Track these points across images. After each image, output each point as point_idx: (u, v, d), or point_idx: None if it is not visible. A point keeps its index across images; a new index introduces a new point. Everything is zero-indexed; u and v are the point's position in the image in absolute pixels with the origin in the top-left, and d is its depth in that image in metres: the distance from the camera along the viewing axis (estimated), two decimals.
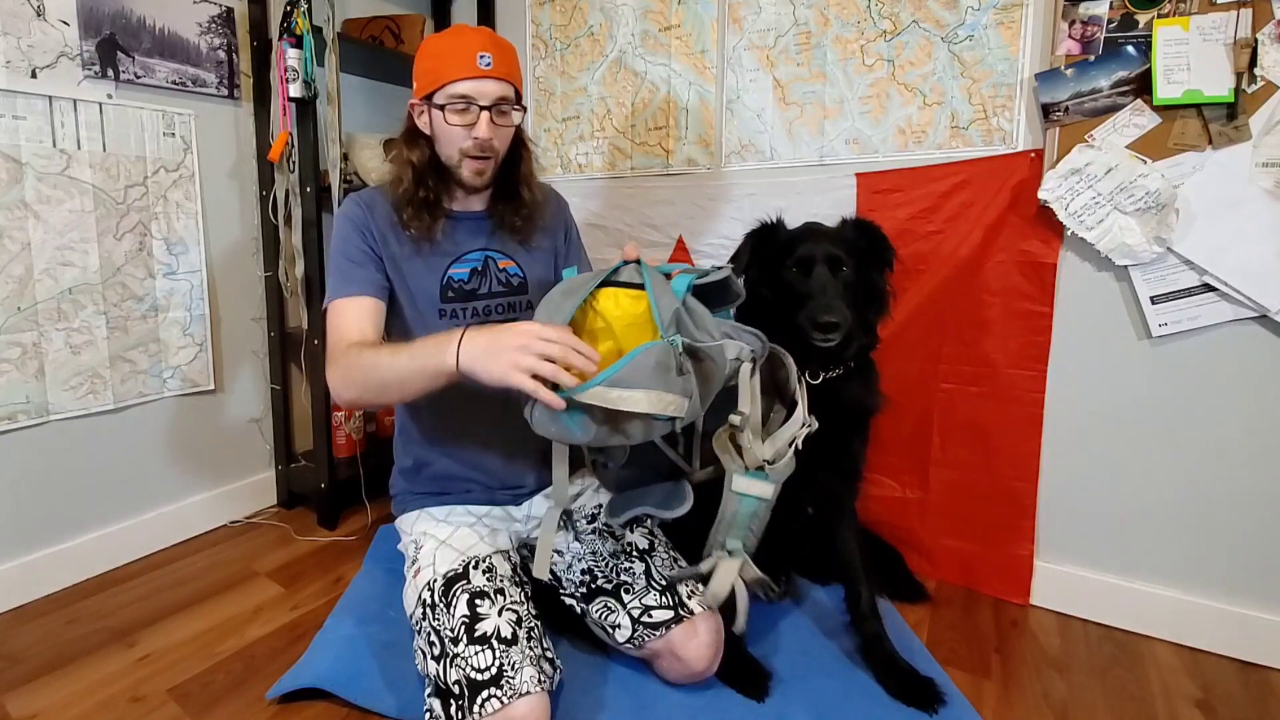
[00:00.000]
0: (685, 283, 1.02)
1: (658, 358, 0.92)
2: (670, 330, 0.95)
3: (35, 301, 1.51)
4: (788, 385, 1.13)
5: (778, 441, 1.06)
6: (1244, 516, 1.37)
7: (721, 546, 1.07)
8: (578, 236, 1.47)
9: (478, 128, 1.17)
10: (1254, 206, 1.29)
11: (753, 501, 1.04)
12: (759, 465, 1.04)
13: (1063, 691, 1.28)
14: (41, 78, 1.48)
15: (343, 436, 1.97)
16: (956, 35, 1.54)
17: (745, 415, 1.02)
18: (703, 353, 0.97)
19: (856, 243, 1.31)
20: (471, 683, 0.99)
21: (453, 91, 1.15)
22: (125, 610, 1.51)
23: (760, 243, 1.36)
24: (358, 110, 2.13)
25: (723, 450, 1.05)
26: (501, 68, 1.17)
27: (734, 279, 1.09)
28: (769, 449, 1.05)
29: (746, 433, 1.03)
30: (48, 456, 1.57)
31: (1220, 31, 1.27)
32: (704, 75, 1.87)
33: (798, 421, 1.08)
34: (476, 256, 1.29)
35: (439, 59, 1.17)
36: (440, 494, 1.30)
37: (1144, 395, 1.43)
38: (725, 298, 1.12)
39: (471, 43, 1.16)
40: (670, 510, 1.10)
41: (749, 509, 1.05)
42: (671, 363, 0.93)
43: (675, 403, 0.93)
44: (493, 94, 1.17)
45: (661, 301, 0.97)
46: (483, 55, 1.15)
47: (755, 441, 1.04)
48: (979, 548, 1.61)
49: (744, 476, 1.04)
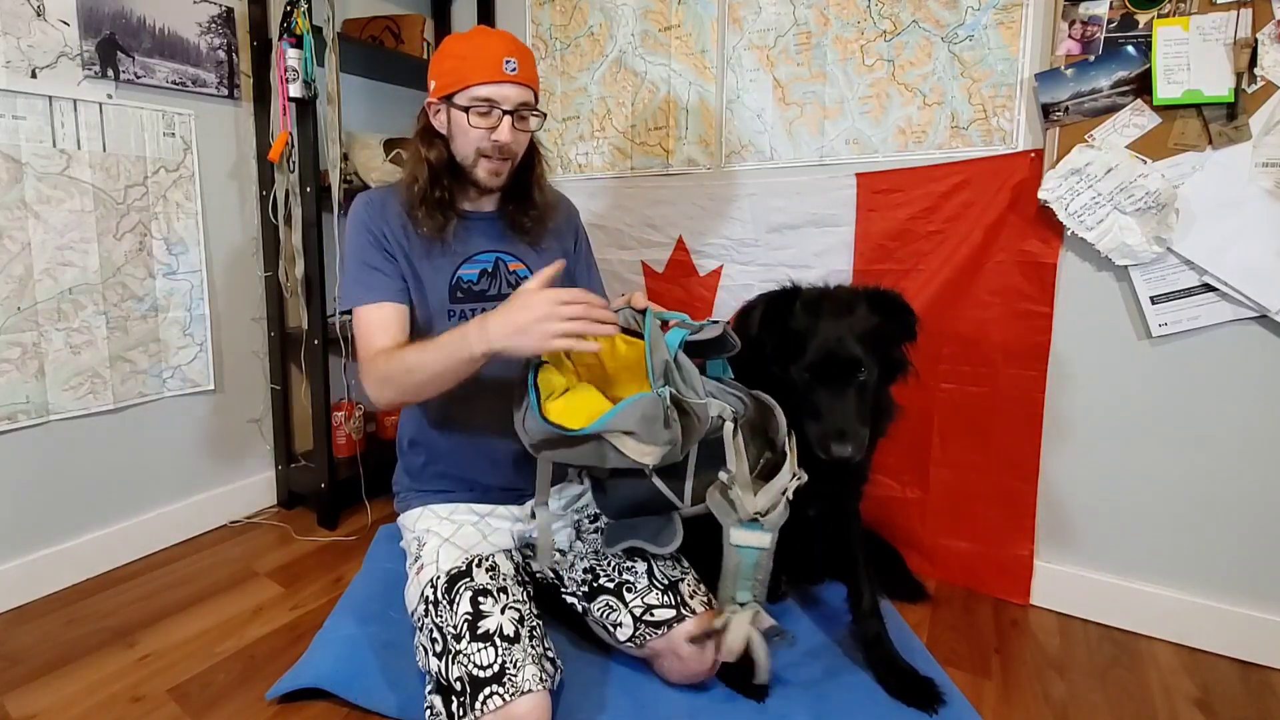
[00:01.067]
0: (679, 338, 1.07)
1: (645, 409, 0.99)
2: (659, 383, 1.02)
3: (35, 301, 1.51)
4: (778, 437, 1.15)
5: (770, 493, 1.09)
6: (1244, 516, 1.37)
7: (732, 600, 1.10)
8: (588, 246, 1.48)
9: (499, 131, 1.18)
10: (1254, 206, 1.29)
11: (753, 553, 1.07)
12: (752, 517, 1.07)
13: (1063, 691, 1.28)
14: (41, 78, 1.48)
15: (343, 436, 1.97)
16: (956, 35, 1.54)
17: (732, 473, 1.07)
18: (687, 407, 1.02)
19: (876, 327, 1.19)
20: (473, 680, 0.99)
21: (477, 94, 1.16)
22: (125, 610, 1.51)
23: (774, 314, 1.25)
24: (358, 110, 2.13)
25: (716, 506, 1.08)
26: (525, 73, 1.19)
27: (729, 333, 1.12)
28: (761, 500, 1.08)
29: (735, 488, 1.07)
30: (48, 456, 1.57)
31: (1220, 31, 1.27)
32: (704, 75, 1.87)
33: (788, 473, 1.10)
34: (487, 258, 1.29)
35: (463, 60, 1.18)
36: (444, 492, 1.30)
37: (1144, 395, 1.43)
38: (720, 349, 1.15)
39: (497, 47, 1.17)
40: (662, 545, 1.15)
41: (750, 560, 1.07)
42: (659, 414, 1.00)
43: (653, 452, 1.00)
44: (516, 99, 1.18)
45: (656, 354, 1.04)
46: (509, 60, 1.16)
47: (746, 495, 1.08)
48: (979, 548, 1.61)
49: (740, 529, 1.07)
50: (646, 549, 1.17)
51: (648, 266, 2.01)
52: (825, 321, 1.19)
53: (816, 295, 1.25)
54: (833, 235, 1.70)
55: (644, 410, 0.99)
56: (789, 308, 1.24)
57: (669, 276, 1.97)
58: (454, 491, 1.30)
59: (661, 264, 1.98)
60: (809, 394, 1.19)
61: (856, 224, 1.67)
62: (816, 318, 1.20)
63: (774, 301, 1.25)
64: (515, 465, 1.28)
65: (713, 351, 1.17)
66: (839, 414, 1.15)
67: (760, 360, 1.24)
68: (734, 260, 1.86)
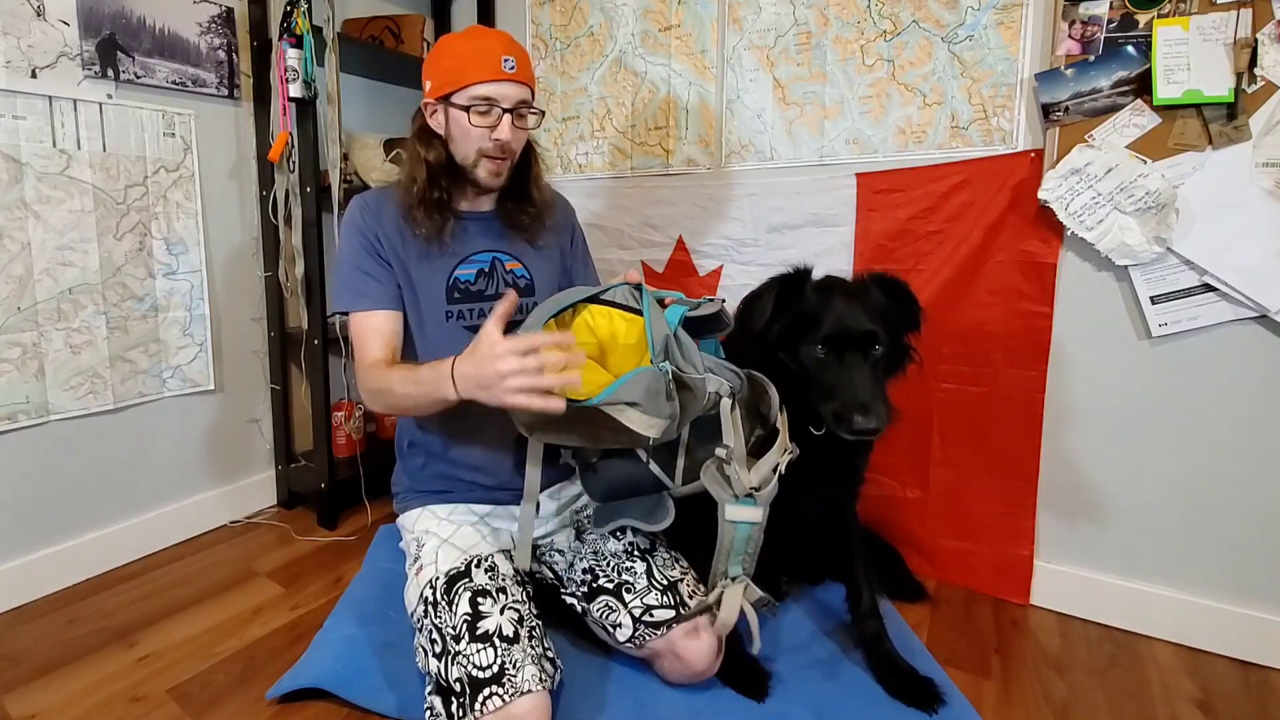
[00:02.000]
0: (678, 314, 1.10)
1: (649, 383, 1.00)
2: (660, 357, 1.03)
3: (35, 301, 1.51)
4: (770, 414, 1.17)
5: (762, 469, 1.10)
6: (1244, 516, 1.37)
7: (724, 575, 1.11)
8: (584, 244, 1.48)
9: (499, 130, 1.18)
10: (1254, 206, 1.29)
11: (746, 527, 1.09)
12: (747, 492, 1.09)
13: (1063, 691, 1.28)
14: (41, 78, 1.48)
15: (343, 436, 1.97)
16: (956, 35, 1.54)
17: (730, 448, 1.09)
18: (686, 382, 1.04)
19: (886, 309, 1.20)
20: (473, 680, 0.99)
21: (476, 93, 1.17)
22: (125, 610, 1.51)
23: (785, 297, 1.23)
24: (358, 110, 2.13)
25: (712, 482, 1.10)
26: (523, 71, 1.20)
27: (724, 311, 1.14)
28: (755, 476, 1.10)
29: (733, 463, 1.09)
30: (48, 456, 1.57)
31: (1220, 31, 1.27)
32: (704, 75, 1.87)
33: (780, 448, 1.12)
34: (484, 258, 1.29)
35: (460, 60, 1.18)
36: (443, 492, 1.30)
37: (1144, 395, 1.43)
38: (714, 327, 1.18)
39: (495, 46, 1.18)
40: (653, 523, 1.17)
41: (744, 535, 1.09)
42: (661, 388, 1.01)
43: (656, 425, 1.01)
44: (514, 97, 1.19)
45: (656, 329, 1.06)
46: (507, 59, 1.17)
47: (742, 470, 1.10)
48: (979, 548, 1.61)
49: (735, 505, 1.08)
50: (639, 527, 1.18)
51: (648, 266, 2.01)
52: (838, 299, 1.20)
53: (826, 278, 1.26)
54: (833, 235, 1.70)
55: (648, 383, 0.99)
56: (800, 289, 1.23)
57: (669, 276, 1.97)
58: (453, 492, 1.29)
59: (661, 264, 1.98)
60: (822, 372, 1.17)
61: (856, 224, 1.68)
62: (829, 296, 1.20)
63: (786, 283, 1.23)
64: (514, 466, 1.28)
65: (707, 330, 1.18)
66: (859, 386, 1.13)
67: (764, 347, 1.23)
68: (734, 260, 1.86)
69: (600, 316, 1.15)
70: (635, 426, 0.99)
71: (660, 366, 1.02)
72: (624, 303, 1.14)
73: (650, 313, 1.08)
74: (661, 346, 1.04)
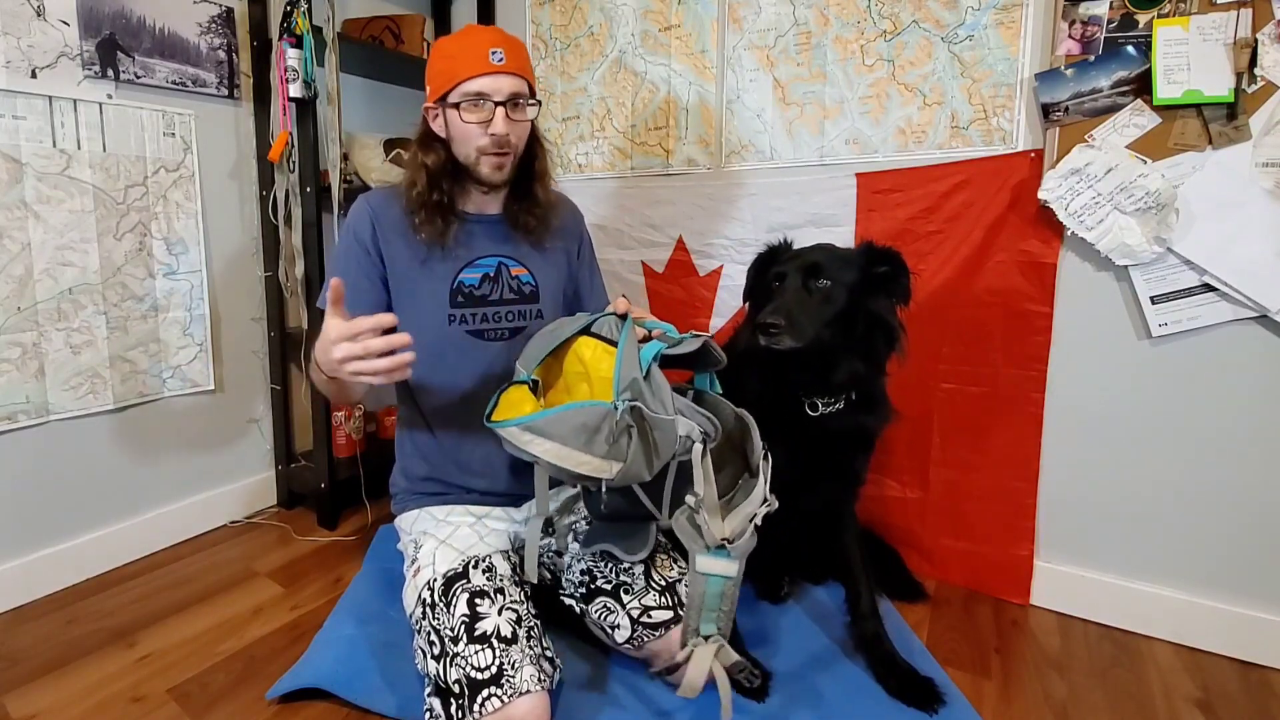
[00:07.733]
0: (653, 351, 1.05)
1: (585, 419, 0.98)
2: (625, 396, 0.99)
3: (35, 301, 1.51)
4: (753, 458, 1.11)
5: (736, 519, 1.03)
6: (1245, 516, 1.37)
7: (696, 633, 1.01)
8: (591, 253, 1.47)
9: (494, 124, 1.17)
10: (1254, 206, 1.29)
11: (719, 581, 1.01)
12: (719, 544, 1.01)
13: (1063, 691, 1.28)
14: (41, 78, 1.48)
15: (343, 436, 1.97)
16: (956, 35, 1.54)
17: (699, 497, 1.01)
18: (653, 423, 0.99)
19: (865, 267, 1.23)
20: (471, 682, 0.99)
21: (466, 89, 1.16)
22: (125, 610, 1.51)
23: (764, 268, 1.28)
24: (358, 110, 2.13)
25: (683, 531, 1.03)
26: (514, 63, 1.18)
27: (712, 345, 1.09)
28: (728, 526, 1.03)
29: (703, 512, 1.02)
30: (48, 456, 1.57)
31: (1220, 31, 1.27)
32: (704, 75, 1.87)
33: (758, 499, 1.04)
34: (490, 262, 1.29)
35: (451, 59, 1.18)
36: (440, 494, 1.30)
37: (1144, 395, 1.43)
38: (705, 363, 1.14)
39: (482, 40, 1.17)
40: (630, 554, 1.17)
41: (716, 589, 1.01)
42: (603, 427, 0.98)
43: (591, 464, 0.99)
44: (506, 89, 1.17)
45: (626, 367, 1.02)
46: (494, 51, 1.16)
47: (713, 520, 1.02)
48: (979, 548, 1.61)
49: (706, 556, 1.01)
50: (616, 554, 1.18)
51: (648, 266, 2.01)
52: (808, 252, 1.26)
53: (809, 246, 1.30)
54: (833, 235, 1.70)
55: (585, 419, 0.98)
56: (774, 258, 1.29)
57: (669, 276, 1.97)
58: (450, 494, 1.29)
59: (661, 264, 1.98)
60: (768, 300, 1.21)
61: (856, 224, 1.67)
62: (800, 252, 1.27)
63: (762, 257, 1.31)
64: (512, 470, 1.28)
65: (698, 365, 1.16)
66: (786, 299, 1.18)
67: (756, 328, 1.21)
68: (734, 260, 1.86)
69: (586, 347, 1.14)
70: (558, 462, 0.99)
71: (613, 405, 0.98)
72: (608, 336, 1.12)
73: (624, 348, 1.04)
74: (626, 384, 1.00)
